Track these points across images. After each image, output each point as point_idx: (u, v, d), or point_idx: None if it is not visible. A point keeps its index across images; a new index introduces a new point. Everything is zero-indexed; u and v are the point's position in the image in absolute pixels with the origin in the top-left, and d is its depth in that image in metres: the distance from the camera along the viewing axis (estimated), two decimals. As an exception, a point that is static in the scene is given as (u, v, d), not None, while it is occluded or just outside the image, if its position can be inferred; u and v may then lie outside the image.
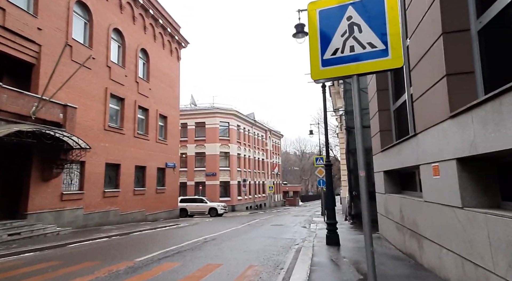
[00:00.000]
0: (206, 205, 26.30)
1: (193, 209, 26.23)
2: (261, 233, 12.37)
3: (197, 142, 35.81)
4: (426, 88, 4.61)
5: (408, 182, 7.41)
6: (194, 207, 26.26)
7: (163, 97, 21.15)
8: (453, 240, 3.98)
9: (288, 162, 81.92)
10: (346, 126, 14.94)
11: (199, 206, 26.29)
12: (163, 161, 20.69)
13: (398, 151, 6.62)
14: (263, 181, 46.13)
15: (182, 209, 25.96)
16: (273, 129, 52.56)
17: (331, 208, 8.30)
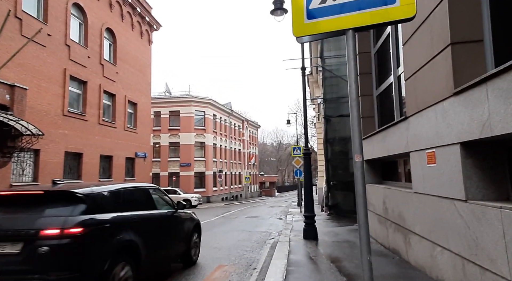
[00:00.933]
0: (180, 197, 25.30)
1: None
2: (235, 226, 11.71)
3: (171, 131, 34.39)
4: (422, 63, 4.00)
5: (391, 171, 6.95)
6: None
7: (132, 83, 19.72)
8: (451, 237, 3.45)
9: (265, 153, 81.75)
10: (325, 115, 14.45)
11: (172, 198, 25.26)
12: (132, 150, 19.41)
13: (383, 138, 6.08)
14: (239, 172, 45.49)
15: None
16: (250, 119, 51.79)
17: (309, 200, 7.73)
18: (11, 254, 2.97)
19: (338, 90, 14.66)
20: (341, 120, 14.40)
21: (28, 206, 3.34)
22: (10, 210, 3.33)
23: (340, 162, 14.46)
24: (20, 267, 2.94)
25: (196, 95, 35.14)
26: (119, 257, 3.56)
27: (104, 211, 3.61)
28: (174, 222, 5.16)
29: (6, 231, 3.06)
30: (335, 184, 14.21)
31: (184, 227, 5.51)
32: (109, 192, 3.94)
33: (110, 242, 3.48)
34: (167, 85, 39.91)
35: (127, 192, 4.33)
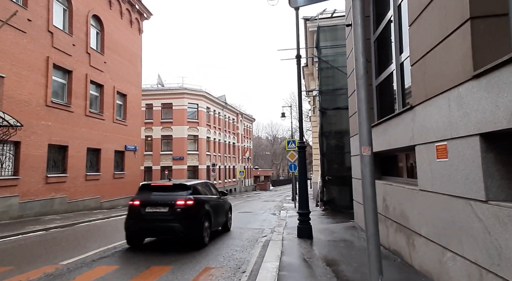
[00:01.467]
0: None
1: None
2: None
3: (164, 124, 33.69)
4: (433, 44, 3.52)
5: (391, 166, 6.52)
6: None
7: (121, 73, 18.99)
8: (466, 243, 3.01)
9: (259, 146, 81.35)
10: (321, 107, 13.98)
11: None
12: (122, 143, 18.78)
13: (384, 130, 5.63)
14: (233, 166, 45.05)
15: None
16: (244, 112, 51.18)
17: (304, 196, 7.29)
18: (164, 212, 6.35)
19: (334, 82, 14.18)
20: (337, 113, 13.95)
21: (167, 190, 6.83)
22: (160, 192, 6.77)
23: (335, 156, 14.06)
24: (168, 218, 6.29)
25: (189, 87, 34.40)
26: (205, 217, 6.91)
27: (198, 194, 7.10)
28: (221, 203, 8.54)
29: (161, 201, 6.46)
30: (331, 178, 13.82)
31: (225, 207, 8.93)
32: (197, 184, 7.58)
33: (202, 209, 6.89)
34: (159, 77, 39.03)
35: (203, 184, 8.11)
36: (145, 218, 6.41)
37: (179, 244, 6.94)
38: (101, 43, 17.08)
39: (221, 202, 8.47)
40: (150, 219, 6.39)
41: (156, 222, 6.37)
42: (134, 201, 6.64)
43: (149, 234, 6.82)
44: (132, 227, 6.56)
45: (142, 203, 6.49)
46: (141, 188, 7.03)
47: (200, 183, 7.88)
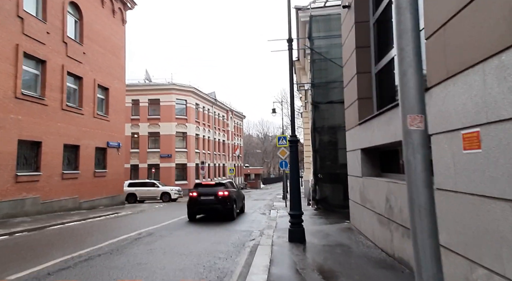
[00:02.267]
0: (158, 190, 23.81)
1: (143, 194, 23.60)
2: (212, 224, 10.47)
3: (151, 120, 32.57)
4: (459, 6, 2.79)
5: (393, 162, 5.84)
6: (144, 192, 23.63)
7: (103, 65, 17.92)
8: (509, 258, 2.31)
9: (250, 144, 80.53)
10: (313, 101, 13.28)
11: (150, 191, 23.72)
12: (103, 140, 17.75)
13: (388, 120, 4.92)
14: (223, 164, 44.17)
15: (130, 194, 23.25)
16: (235, 109, 50.28)
17: (296, 196, 6.55)
18: (211, 199, 10.91)
19: (327, 75, 13.49)
20: (331, 107, 13.27)
21: (211, 186, 11.42)
22: (207, 187, 11.37)
23: (328, 152, 13.39)
24: (214, 202, 10.86)
25: (178, 83, 33.34)
26: (233, 202, 11.23)
27: (228, 188, 11.43)
28: (240, 193, 13.08)
29: (209, 192, 11.01)
30: (323, 176, 13.16)
31: (242, 196, 13.34)
32: (227, 182, 12.51)
33: (231, 197, 11.09)
34: (147, 72, 37.84)
35: (229, 182, 12.79)
36: (201, 202, 11.18)
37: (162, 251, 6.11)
38: (80, 32, 15.99)
39: (240, 193, 13.68)
40: (204, 203, 11.15)
41: (207, 205, 11.12)
42: (193, 193, 11.48)
43: (203, 212, 11.63)
44: (193, 208, 11.32)
45: (198, 194, 11.28)
46: (196, 185, 12.43)
47: (228, 181, 13.01)
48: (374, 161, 6.49)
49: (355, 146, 6.96)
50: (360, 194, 6.64)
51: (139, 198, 23.45)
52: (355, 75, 6.73)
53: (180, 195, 24.64)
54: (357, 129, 6.76)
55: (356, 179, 7.04)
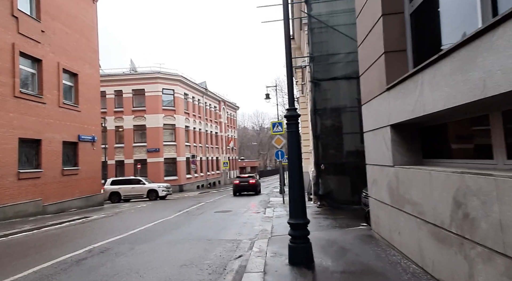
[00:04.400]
0: (144, 187, 21.64)
1: (127, 192, 21.45)
2: (193, 230, 8.42)
3: (136, 113, 30.26)
4: None
5: (446, 143, 3.79)
6: (128, 190, 21.48)
7: (70, 48, 15.59)
8: None
9: (245, 137, 78.48)
10: (312, 78, 11.15)
11: (135, 189, 21.56)
12: (73, 132, 15.53)
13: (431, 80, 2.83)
14: (216, 157, 42.07)
15: (113, 193, 21.16)
16: (227, 100, 47.93)
17: (298, 196, 4.47)
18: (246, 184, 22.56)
19: (328, 48, 11.36)
20: (334, 84, 11.18)
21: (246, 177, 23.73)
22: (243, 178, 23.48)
23: (332, 139, 11.34)
24: (248, 185, 22.58)
25: (163, 71, 30.94)
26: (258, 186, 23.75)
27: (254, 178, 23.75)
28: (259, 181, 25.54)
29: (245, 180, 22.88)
30: (327, 167, 11.13)
31: (259, 183, 25.32)
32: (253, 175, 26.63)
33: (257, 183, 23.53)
34: (132, 62, 35.34)
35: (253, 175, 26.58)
36: (240, 186, 22.03)
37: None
38: (36, 6, 13.62)
39: (259, 181, 24.90)
40: (242, 186, 22.20)
41: (243, 187, 22.26)
42: (236, 181, 22.65)
43: (241, 191, 22.20)
44: (236, 189, 22.25)
45: (239, 182, 22.44)
46: (237, 177, 24.10)
47: (253, 175, 25.82)
48: (412, 142, 4.42)
49: (380, 123, 4.88)
50: (391, 191, 4.59)
51: (123, 197, 21.34)
52: (380, 19, 4.61)
53: (169, 192, 22.52)
54: (383, 98, 4.67)
55: (381, 169, 4.98)
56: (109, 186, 21.55)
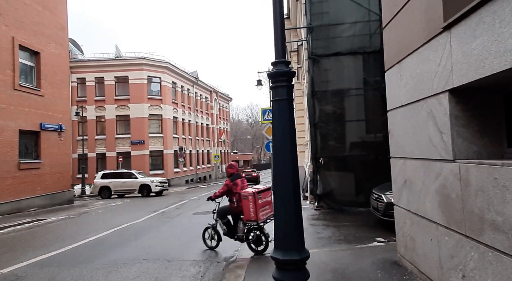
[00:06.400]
0: (136, 181, 19.20)
1: (118, 187, 19.14)
2: (157, 241, 6.53)
3: (119, 102, 28.04)
4: None
5: None
6: (119, 184, 19.13)
7: (29, 21, 13.41)
8: None
9: (239, 130, 76.54)
10: (311, 53, 9.20)
11: (126, 183, 19.16)
12: (34, 121, 13.45)
13: None
14: (207, 150, 40.08)
15: (103, 188, 19.07)
16: (220, 90, 45.75)
17: (290, 211, 2.59)
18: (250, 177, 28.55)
19: (330, 17, 9.40)
20: (336, 62, 9.26)
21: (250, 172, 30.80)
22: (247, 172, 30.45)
23: (333, 128, 9.48)
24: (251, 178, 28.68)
25: (149, 57, 28.68)
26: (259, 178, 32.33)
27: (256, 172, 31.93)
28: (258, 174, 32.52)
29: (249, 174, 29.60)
30: (326, 161, 9.28)
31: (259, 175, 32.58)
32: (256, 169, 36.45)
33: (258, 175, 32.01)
34: (117, 48, 32.95)
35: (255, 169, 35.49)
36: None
37: None
38: (-19, -32, 11.40)
39: (258, 174, 32.05)
40: (247, 178, 13.76)
41: (248, 179, 18.06)
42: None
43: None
44: None
45: (245, 174, 25.56)
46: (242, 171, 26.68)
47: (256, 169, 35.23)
48: (490, 121, 2.55)
49: (424, 91, 3.00)
50: (447, 201, 2.72)
51: (114, 192, 19.20)
52: None
53: (164, 188, 19.95)
54: (435, 46, 2.78)
55: (424, 165, 3.11)
56: (99, 180, 19.45)
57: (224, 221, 5.50)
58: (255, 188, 5.31)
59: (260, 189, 5.23)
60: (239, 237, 5.27)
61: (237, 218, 5.40)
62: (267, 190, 5.39)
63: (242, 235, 5.19)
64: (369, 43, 9.12)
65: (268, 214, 5.27)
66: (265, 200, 5.26)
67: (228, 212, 5.50)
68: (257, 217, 4.94)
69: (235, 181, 5.41)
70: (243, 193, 5.06)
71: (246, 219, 5.06)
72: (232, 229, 5.44)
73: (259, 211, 4.96)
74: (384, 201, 5.94)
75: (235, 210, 5.36)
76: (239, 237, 5.28)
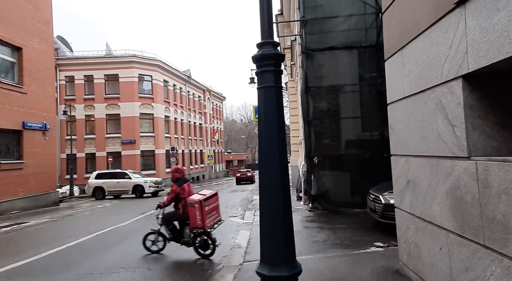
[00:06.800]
0: (130, 182, 18.62)
1: (111, 187, 18.53)
2: (141, 247, 6.07)
3: (109, 100, 27.38)
4: None
5: None
6: (113, 185, 18.53)
7: (10, 15, 12.82)
8: None
9: (233, 130, 75.98)
10: (305, 48, 8.82)
11: (120, 183, 18.59)
12: (16, 119, 12.86)
13: None
14: (201, 150, 39.54)
15: (97, 188, 18.53)
16: (213, 89, 45.22)
17: (279, 219, 2.20)
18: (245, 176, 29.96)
19: (324, 10, 9.03)
20: (331, 57, 8.89)
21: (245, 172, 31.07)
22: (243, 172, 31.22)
23: (327, 125, 9.12)
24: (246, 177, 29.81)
25: (140, 55, 28.06)
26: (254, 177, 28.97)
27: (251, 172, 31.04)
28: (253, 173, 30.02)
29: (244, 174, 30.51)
30: (321, 160, 8.92)
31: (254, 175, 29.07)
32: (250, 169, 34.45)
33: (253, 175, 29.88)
34: (108, 46, 32.32)
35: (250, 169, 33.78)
36: (242, 177, 28.70)
37: None
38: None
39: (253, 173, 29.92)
40: (243, 178, 29.12)
41: (244, 178, 29.13)
42: (237, 174, 30.14)
43: (242, 181, 28.80)
44: (238, 180, 29.11)
45: (240, 175, 29.85)
46: (238, 172, 31.95)
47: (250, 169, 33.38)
48: (510, 110, 2.18)
49: (432, 79, 2.63)
50: (460, 205, 2.35)
51: (108, 193, 18.65)
52: None
53: (158, 188, 19.33)
54: (445, 26, 2.40)
55: (431, 163, 2.74)
56: (93, 180, 18.86)
57: (170, 227, 5.35)
58: (201, 194, 5.11)
59: (207, 196, 5.06)
60: (186, 242, 5.18)
61: (184, 223, 5.22)
62: (214, 196, 5.29)
63: (188, 240, 5.12)
64: (365, 38, 8.78)
65: (215, 220, 5.22)
66: (212, 206, 5.15)
67: (174, 218, 5.36)
68: (204, 224, 4.83)
69: (182, 186, 5.21)
70: (189, 201, 4.88)
71: (193, 226, 4.93)
72: (178, 234, 5.31)
73: (206, 218, 4.84)
74: (382, 202, 5.60)
75: (181, 216, 5.20)
76: (185, 242, 5.18)
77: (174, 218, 5.36)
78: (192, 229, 4.98)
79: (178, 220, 5.33)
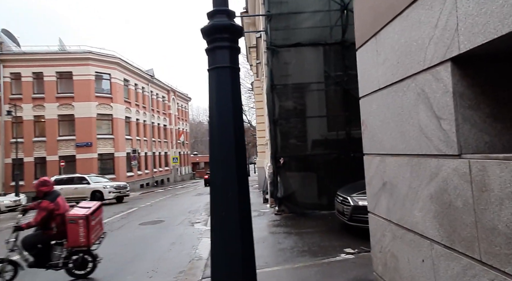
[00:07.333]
0: (88, 188, 17.13)
1: (69, 194, 16.54)
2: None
3: (61, 100, 25.23)
4: None
5: None
6: (71, 191, 16.60)
7: None
8: None
9: (200, 131, 74.35)
10: (270, 43, 8.43)
11: (77, 190, 16.98)
12: None
13: None
14: (165, 152, 38.00)
15: None
16: (178, 90, 43.76)
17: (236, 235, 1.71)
18: None
19: (290, 6, 8.73)
20: (297, 54, 8.59)
21: None
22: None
23: (293, 125, 8.82)
24: None
25: (96, 51, 26.23)
26: None
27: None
28: None
29: None
30: (287, 161, 8.57)
31: None
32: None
33: None
34: (61, 41, 29.85)
35: None
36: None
37: None
38: None
39: None
40: None
41: None
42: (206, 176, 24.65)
43: None
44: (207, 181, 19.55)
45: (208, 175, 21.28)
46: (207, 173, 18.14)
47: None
48: (503, 97, 1.85)
49: (414, 66, 2.27)
50: (449, 212, 2.00)
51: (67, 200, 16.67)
52: None
53: (121, 193, 17.86)
54: (431, 2, 2.04)
55: (412, 163, 2.39)
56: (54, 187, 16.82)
57: (34, 252, 4.38)
58: (84, 207, 4.49)
59: (93, 209, 4.47)
60: (53, 265, 4.37)
61: (49, 244, 4.42)
62: (99, 208, 4.73)
63: (58, 262, 4.36)
64: (330, 35, 8.61)
65: (99, 234, 4.65)
66: (97, 220, 4.59)
67: (40, 242, 4.42)
68: (89, 241, 4.25)
69: (56, 201, 4.39)
70: (71, 217, 4.22)
71: (72, 246, 4.27)
72: (43, 258, 4.41)
73: (91, 235, 4.28)
74: (350, 204, 5.32)
75: (54, 237, 4.37)
76: (53, 264, 4.37)
77: (39, 241, 4.42)
78: (72, 249, 4.31)
79: (44, 242, 4.42)
